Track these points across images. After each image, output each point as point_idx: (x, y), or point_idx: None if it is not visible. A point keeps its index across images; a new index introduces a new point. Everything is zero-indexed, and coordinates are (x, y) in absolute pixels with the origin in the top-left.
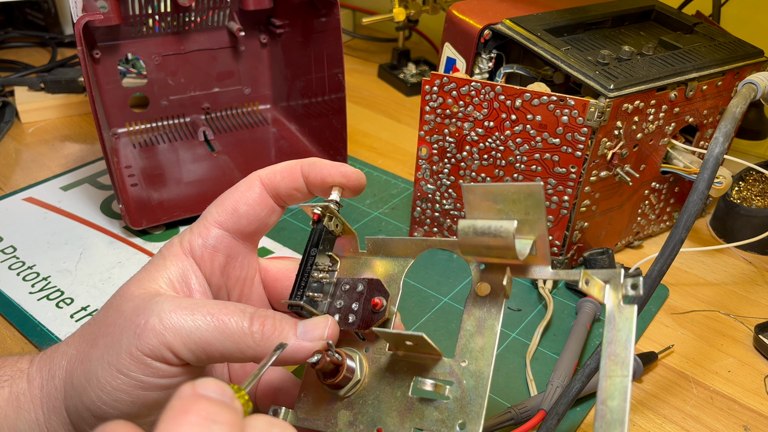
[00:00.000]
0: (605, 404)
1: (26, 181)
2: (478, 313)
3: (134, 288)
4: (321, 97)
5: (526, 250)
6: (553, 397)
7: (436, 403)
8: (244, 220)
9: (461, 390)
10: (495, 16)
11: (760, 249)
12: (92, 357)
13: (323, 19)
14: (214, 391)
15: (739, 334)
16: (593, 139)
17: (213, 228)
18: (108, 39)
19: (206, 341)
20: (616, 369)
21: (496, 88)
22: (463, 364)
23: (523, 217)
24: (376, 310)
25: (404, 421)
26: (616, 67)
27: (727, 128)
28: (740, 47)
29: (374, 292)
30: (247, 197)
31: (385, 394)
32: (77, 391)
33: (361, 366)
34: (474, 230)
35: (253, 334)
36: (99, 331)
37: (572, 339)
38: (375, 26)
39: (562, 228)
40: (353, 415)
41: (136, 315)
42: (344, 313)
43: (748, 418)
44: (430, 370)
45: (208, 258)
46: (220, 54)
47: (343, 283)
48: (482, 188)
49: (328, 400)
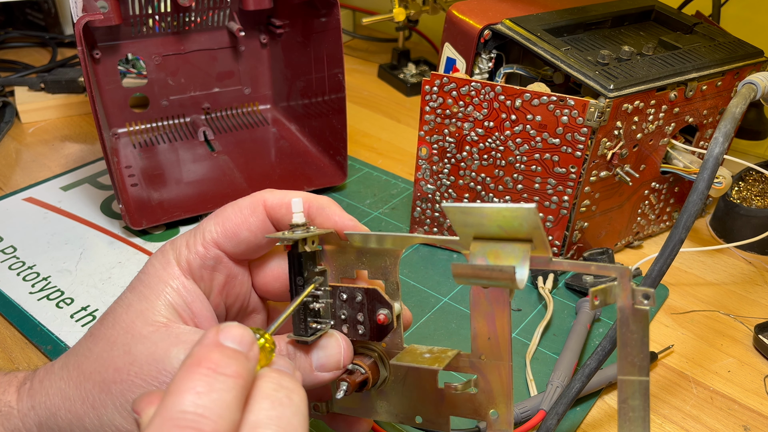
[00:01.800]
0: (627, 403)
1: (26, 181)
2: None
3: (140, 324)
4: (321, 97)
5: (525, 276)
6: (553, 397)
7: (465, 394)
8: (243, 246)
9: (486, 381)
10: (495, 16)
11: (760, 249)
12: (107, 404)
13: (323, 19)
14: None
15: (738, 334)
16: (593, 139)
17: (212, 248)
18: (108, 39)
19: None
20: (633, 370)
21: (496, 88)
22: (483, 357)
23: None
24: (383, 325)
25: (440, 410)
26: (615, 67)
27: (727, 128)
28: (740, 47)
29: (375, 305)
30: (250, 223)
31: (416, 384)
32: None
33: (383, 362)
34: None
35: None
36: (107, 375)
37: (572, 339)
38: (375, 26)
39: (562, 228)
40: (390, 404)
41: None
42: (351, 324)
43: (747, 418)
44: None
45: (208, 278)
46: (220, 54)
47: (340, 291)
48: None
49: (362, 394)
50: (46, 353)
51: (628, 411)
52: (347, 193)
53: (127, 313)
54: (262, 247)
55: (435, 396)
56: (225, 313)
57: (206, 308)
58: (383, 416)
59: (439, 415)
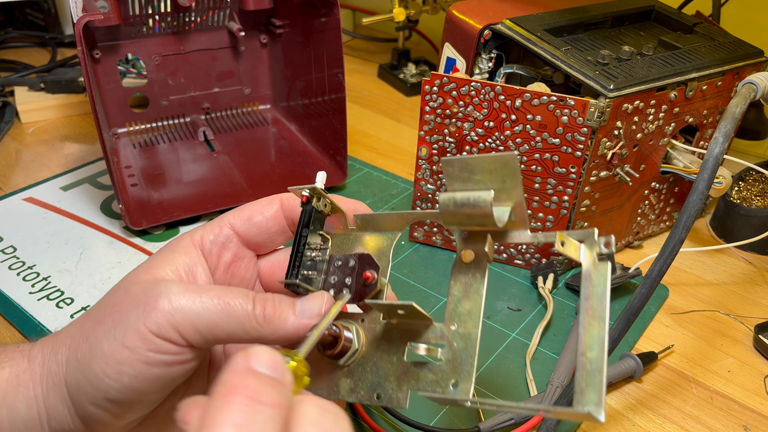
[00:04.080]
0: (585, 355)
1: (26, 181)
2: (464, 279)
3: (142, 274)
4: (321, 97)
5: (505, 216)
6: (553, 396)
7: (429, 366)
8: (255, 228)
9: (452, 352)
10: (495, 16)
11: (760, 249)
12: (98, 333)
13: (323, 19)
14: (266, 365)
15: (739, 334)
16: (593, 139)
17: (225, 227)
18: (108, 39)
19: (213, 323)
20: (593, 323)
21: (496, 88)
22: (453, 327)
23: (500, 185)
24: (368, 284)
25: (401, 384)
26: (615, 67)
27: (727, 128)
28: (740, 47)
29: (365, 266)
30: (264, 210)
31: (382, 360)
32: (81, 365)
33: (358, 336)
34: (454, 202)
35: (256, 316)
36: (106, 311)
37: (572, 339)
38: (375, 26)
39: (562, 228)
40: (354, 382)
41: (145, 295)
42: (338, 288)
43: (747, 418)
44: (422, 335)
45: (216, 253)
46: (220, 54)
47: (335, 259)
48: (460, 161)
49: (329, 370)
50: None
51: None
52: (347, 193)
53: (137, 271)
54: (272, 236)
55: (399, 369)
56: None
57: (207, 278)
58: (345, 395)
59: (400, 390)
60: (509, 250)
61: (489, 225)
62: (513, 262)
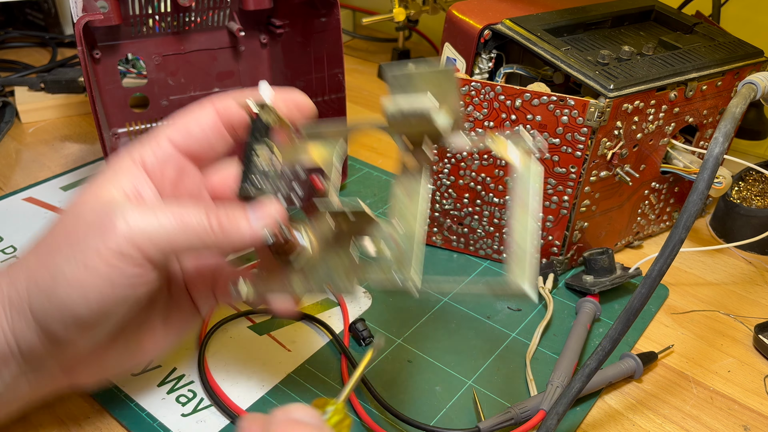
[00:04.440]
0: (516, 242)
1: (26, 181)
2: (406, 182)
3: (88, 197)
4: (321, 97)
5: (447, 123)
6: (553, 396)
7: (376, 260)
8: (194, 141)
9: (396, 246)
10: (495, 16)
11: (760, 249)
12: (57, 260)
13: (323, 19)
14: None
15: (739, 334)
16: (593, 139)
17: (164, 143)
18: (108, 39)
19: (172, 239)
20: (525, 217)
21: (496, 88)
22: (396, 225)
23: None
24: (317, 191)
25: (350, 276)
26: (615, 67)
27: (727, 128)
28: (740, 47)
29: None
30: (201, 121)
31: (332, 258)
32: (44, 292)
33: (308, 237)
34: (401, 112)
35: (212, 227)
36: (60, 239)
37: (572, 339)
38: (375, 26)
39: (562, 228)
40: (305, 278)
41: (100, 218)
42: (288, 196)
43: (747, 418)
44: (368, 233)
45: (159, 171)
46: (220, 54)
47: (284, 169)
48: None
49: (282, 271)
50: None
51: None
52: (347, 193)
53: (82, 196)
54: (213, 145)
55: (348, 264)
56: None
57: (155, 197)
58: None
59: (348, 280)
60: None
61: (432, 132)
62: None
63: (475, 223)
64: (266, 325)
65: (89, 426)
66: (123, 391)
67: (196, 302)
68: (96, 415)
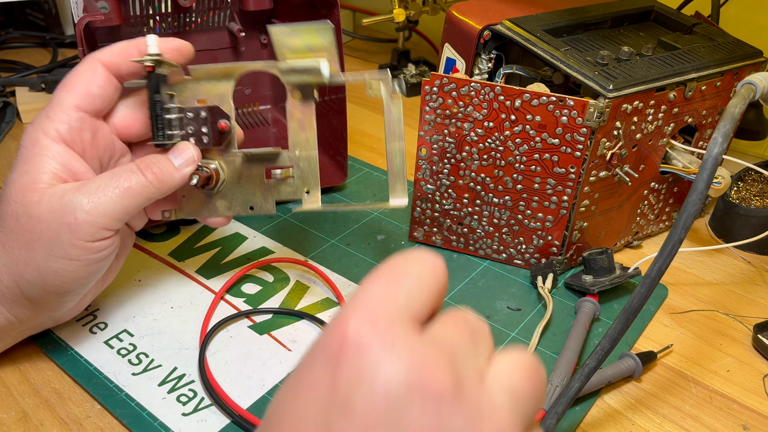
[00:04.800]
0: (393, 162)
1: None
2: (298, 115)
3: (29, 194)
4: (321, 97)
5: (328, 71)
6: (553, 396)
7: (286, 181)
8: (98, 101)
9: (300, 170)
10: (494, 16)
11: (759, 249)
12: (36, 257)
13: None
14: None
15: (738, 333)
16: (592, 140)
17: (73, 112)
18: (109, 39)
19: (124, 206)
20: (394, 140)
21: (495, 88)
22: (297, 152)
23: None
24: (223, 131)
25: (267, 197)
26: (615, 68)
27: (726, 128)
28: (739, 48)
29: (216, 117)
30: (96, 80)
31: (247, 183)
32: (35, 284)
33: (222, 168)
34: (293, 70)
35: (151, 182)
36: (24, 238)
37: (572, 338)
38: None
39: (562, 228)
40: (228, 202)
41: (60, 217)
42: (198, 137)
43: (747, 417)
44: (275, 161)
45: (78, 139)
46: (221, 54)
47: (186, 112)
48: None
49: (205, 197)
50: (47, 353)
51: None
52: (347, 193)
53: (15, 190)
54: (112, 97)
55: (263, 187)
56: (100, 166)
57: (84, 167)
58: (223, 212)
59: (266, 201)
60: (509, 249)
61: (320, 82)
62: (513, 262)
63: (474, 223)
64: (266, 325)
65: (90, 425)
66: (124, 391)
67: (131, 224)
68: (97, 414)
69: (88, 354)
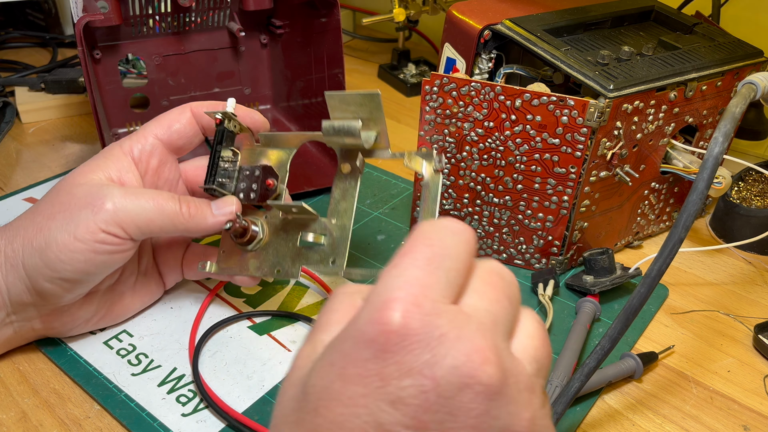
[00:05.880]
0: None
1: (27, 181)
2: (342, 185)
3: (80, 178)
4: (321, 97)
5: (371, 139)
6: (553, 396)
7: (316, 249)
8: (176, 135)
9: (332, 238)
10: (495, 16)
11: (760, 249)
12: (51, 227)
13: (323, 20)
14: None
15: (738, 334)
16: (593, 140)
17: (150, 137)
18: (108, 39)
19: (149, 219)
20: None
21: (495, 88)
22: (333, 221)
23: (368, 116)
24: (270, 189)
25: (295, 262)
26: (615, 68)
27: (727, 128)
28: (740, 47)
29: (267, 175)
30: (180, 119)
31: (281, 246)
32: (38, 251)
33: (262, 227)
34: (333, 128)
35: (182, 214)
36: (54, 209)
37: (572, 338)
38: (375, 26)
39: (562, 228)
40: (259, 262)
41: (92, 197)
42: (246, 192)
43: (747, 417)
44: (310, 227)
45: (145, 160)
46: (221, 54)
47: (243, 170)
48: (338, 96)
49: (240, 254)
50: (47, 353)
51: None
52: None
53: (72, 175)
54: (189, 138)
55: (294, 252)
56: None
57: (137, 182)
58: (253, 271)
59: (293, 266)
60: (509, 249)
61: (359, 145)
62: (513, 262)
63: (475, 223)
64: (266, 325)
65: (90, 426)
66: (123, 392)
67: (163, 275)
68: (96, 415)
69: (88, 354)
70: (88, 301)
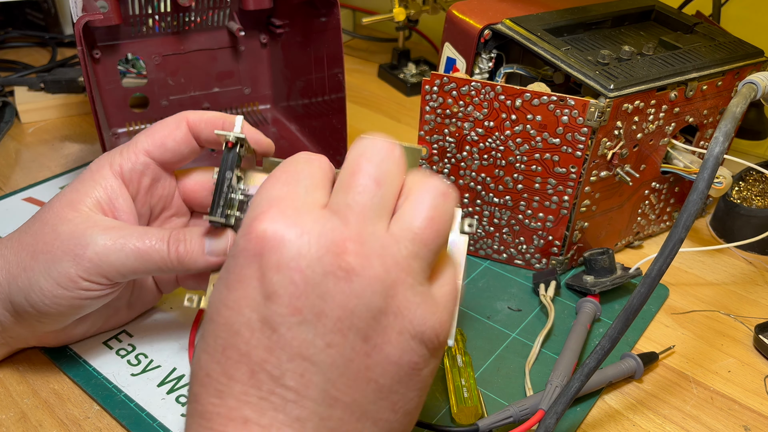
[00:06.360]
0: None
1: (26, 181)
2: None
3: (68, 211)
4: (321, 97)
5: None
6: (552, 396)
7: None
8: (169, 154)
9: None
10: (495, 16)
11: (760, 249)
12: (35, 268)
13: (323, 19)
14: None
15: (739, 334)
16: (593, 139)
17: (141, 155)
18: (108, 39)
19: (134, 267)
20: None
21: (496, 88)
22: None
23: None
24: None
25: None
26: (616, 67)
27: (727, 128)
28: (740, 47)
29: None
30: (175, 135)
31: None
32: (22, 291)
33: None
34: None
35: (170, 259)
36: (38, 246)
37: (572, 339)
38: (375, 26)
39: (562, 228)
40: None
41: (74, 244)
42: None
43: (748, 418)
44: None
45: (136, 180)
46: (220, 54)
47: (249, 197)
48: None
49: None
50: (46, 354)
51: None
52: None
53: (59, 202)
54: (185, 156)
55: None
56: (149, 213)
57: (128, 206)
58: None
59: None
60: (509, 249)
61: None
62: (513, 262)
63: None
64: None
65: (89, 426)
66: (123, 392)
67: (159, 285)
68: (96, 415)
69: (87, 355)
70: (82, 320)
